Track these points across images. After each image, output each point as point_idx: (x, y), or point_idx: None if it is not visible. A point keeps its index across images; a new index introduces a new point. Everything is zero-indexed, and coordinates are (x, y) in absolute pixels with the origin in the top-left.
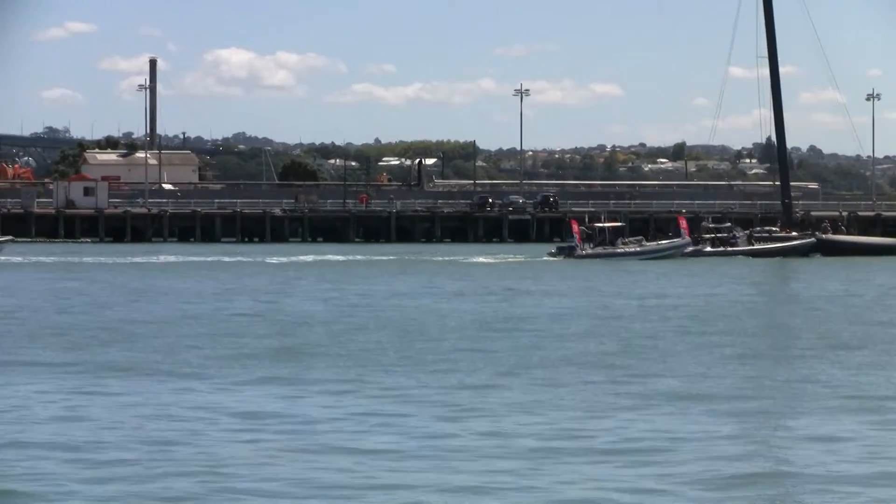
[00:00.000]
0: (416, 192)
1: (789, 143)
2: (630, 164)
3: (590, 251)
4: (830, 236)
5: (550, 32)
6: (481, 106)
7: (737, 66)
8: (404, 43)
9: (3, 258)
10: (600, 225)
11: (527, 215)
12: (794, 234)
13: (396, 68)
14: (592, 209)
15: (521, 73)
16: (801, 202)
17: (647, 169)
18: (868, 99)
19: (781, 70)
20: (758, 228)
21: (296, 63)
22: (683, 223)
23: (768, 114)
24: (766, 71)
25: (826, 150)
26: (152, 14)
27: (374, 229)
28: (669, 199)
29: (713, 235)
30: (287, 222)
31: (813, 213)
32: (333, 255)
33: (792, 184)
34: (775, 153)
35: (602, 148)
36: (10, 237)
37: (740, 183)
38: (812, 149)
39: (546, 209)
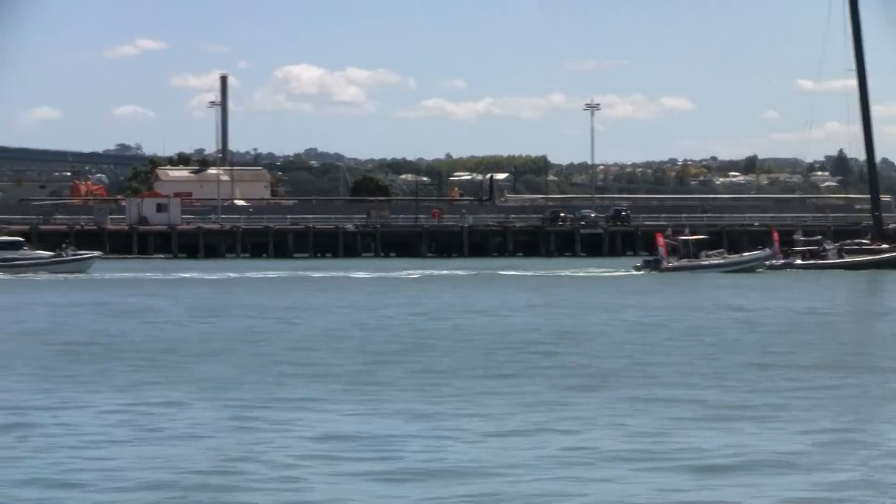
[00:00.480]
0: (487, 207)
1: (860, 156)
2: (701, 178)
3: (675, 264)
4: None
5: (620, 47)
6: (552, 120)
7: (805, 79)
8: (474, 58)
9: (95, 275)
10: (684, 238)
11: (599, 229)
12: (884, 246)
13: (466, 84)
14: (665, 223)
15: (591, 88)
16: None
17: (718, 182)
18: None
19: (851, 83)
20: (848, 241)
21: (366, 79)
22: (776, 236)
23: (841, 127)
24: (840, 83)
25: None
26: (222, 31)
27: (446, 244)
28: (741, 212)
29: (804, 248)
30: (359, 237)
31: None
32: (417, 269)
33: (865, 196)
34: (848, 166)
35: (673, 162)
36: (98, 253)
37: (813, 196)
38: (884, 161)
39: (618, 223)
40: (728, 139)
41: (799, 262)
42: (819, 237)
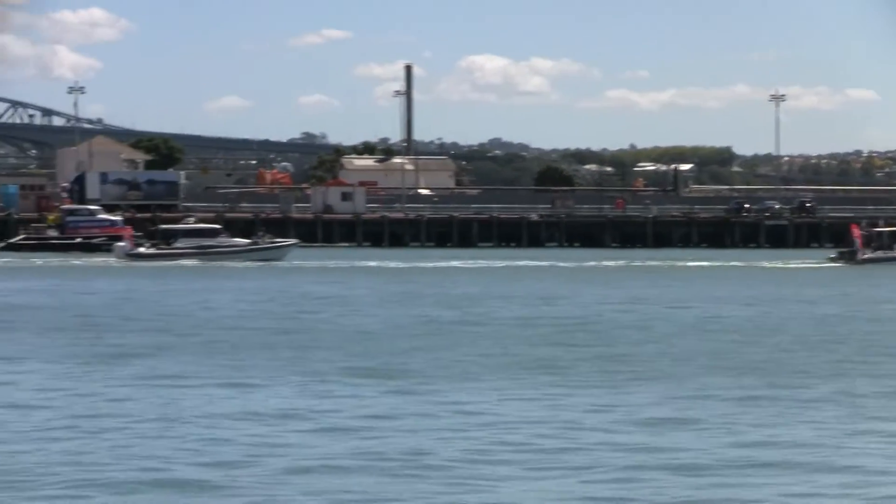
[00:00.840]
0: (671, 198)
1: None
2: (887, 170)
3: (871, 255)
4: None
5: (804, 38)
6: (736, 111)
7: None
8: (658, 49)
9: (294, 262)
10: (879, 229)
11: (784, 221)
12: None
13: (650, 74)
14: (851, 215)
15: (775, 79)
16: None
17: None
18: None
19: None
20: None
21: (550, 69)
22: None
23: None
24: None
25: None
26: (408, 21)
27: (630, 234)
28: None
29: None
30: (543, 227)
31: None
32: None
33: None
34: None
35: (858, 153)
36: (296, 241)
37: None
38: None
39: (803, 215)
40: None
41: None
42: None
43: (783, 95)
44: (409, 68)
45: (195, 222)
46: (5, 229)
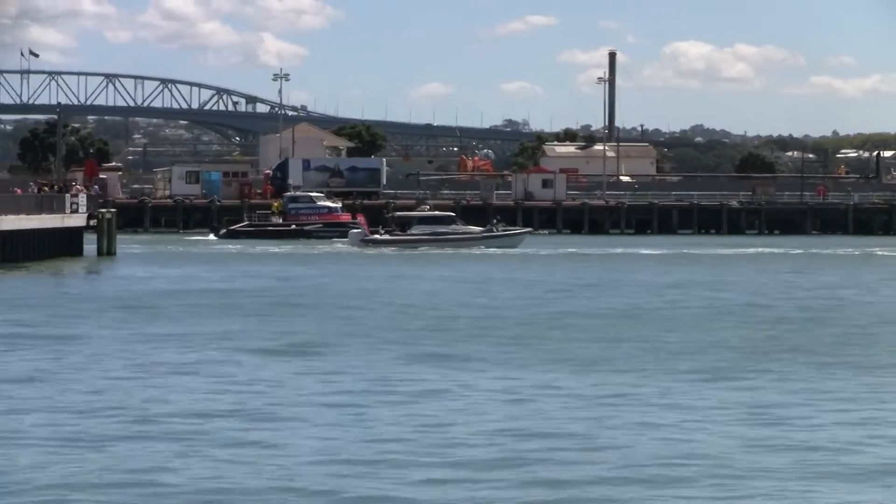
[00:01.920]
0: (874, 185)
1: None
2: None
3: None
4: None
5: None
6: None
7: None
8: (863, 35)
9: (527, 250)
10: None
11: None
12: None
13: (855, 60)
14: None
15: None
16: None
17: None
18: None
19: None
20: None
21: (754, 55)
22: None
23: None
24: None
25: None
26: (612, 7)
27: (831, 221)
28: None
29: None
30: (744, 214)
31: None
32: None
33: None
34: None
35: None
36: (529, 229)
37: None
38: None
39: None
40: None
41: None
42: None
43: None
44: (612, 55)
45: (430, 209)
46: (208, 215)
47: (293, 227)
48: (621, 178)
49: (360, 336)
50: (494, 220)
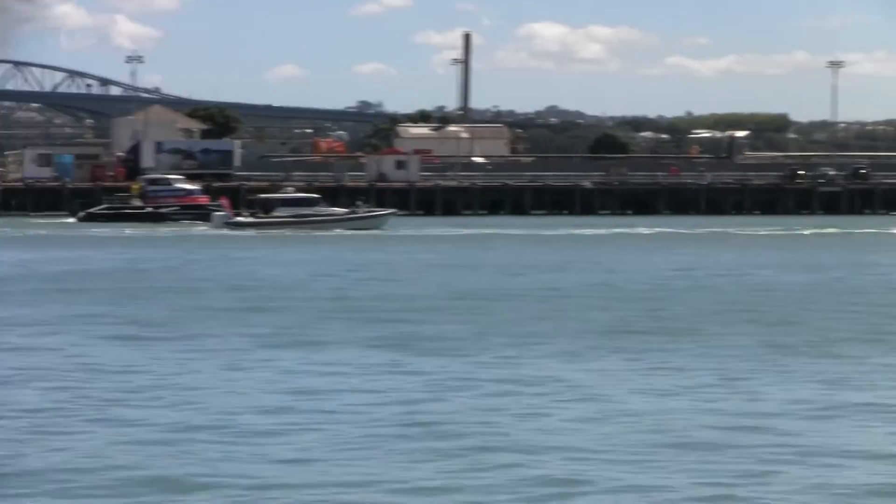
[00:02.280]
0: (726, 165)
1: None
2: None
3: None
4: None
5: (867, 3)
6: (794, 78)
7: None
8: (717, 16)
9: (389, 231)
10: None
11: (837, 187)
12: None
13: (709, 41)
14: None
15: (835, 45)
16: None
17: None
18: None
19: None
20: None
21: (608, 36)
22: None
23: None
24: None
25: None
26: None
27: (683, 201)
28: None
29: None
30: (596, 195)
31: None
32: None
33: None
34: None
35: None
36: (393, 210)
37: None
38: None
39: (857, 181)
40: None
41: None
42: None
43: (841, 62)
44: (467, 36)
45: (295, 191)
46: (59, 198)
47: (152, 209)
48: (475, 159)
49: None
50: (359, 202)
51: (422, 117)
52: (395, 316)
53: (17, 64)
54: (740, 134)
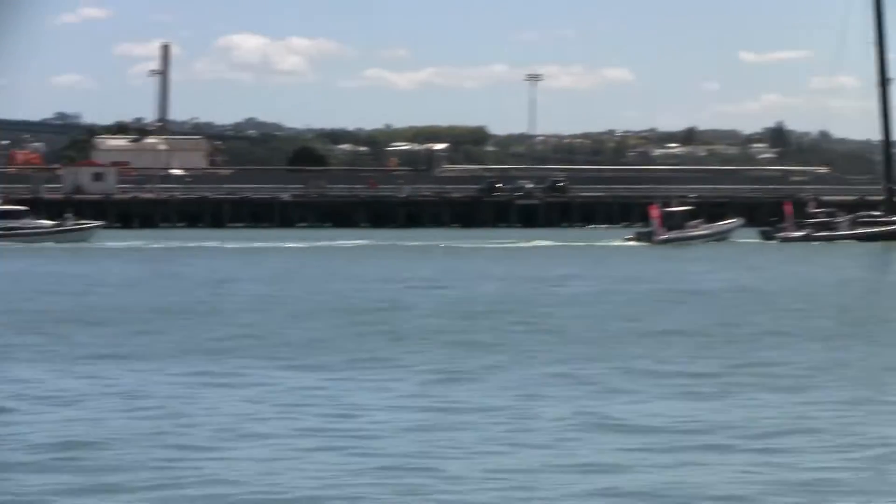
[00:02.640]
0: (425, 177)
1: (799, 127)
2: (640, 149)
3: (667, 235)
4: None
5: (563, 17)
6: (493, 91)
7: (747, 51)
8: (417, 28)
9: (95, 244)
10: (671, 209)
11: (535, 200)
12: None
13: (409, 53)
14: (602, 194)
15: (533, 58)
16: (809, 186)
17: (656, 154)
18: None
19: (789, 54)
20: (861, 213)
21: (307, 48)
22: (788, 208)
23: (779, 99)
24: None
25: (836, 135)
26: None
27: (382, 214)
28: (678, 184)
29: (816, 220)
30: (295, 207)
31: None
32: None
33: (801, 168)
34: (785, 138)
35: (612, 133)
36: (100, 222)
37: (750, 167)
38: (822, 134)
39: (554, 194)
40: (668, 110)
41: (801, 234)
42: (833, 209)
43: (539, 75)
44: (165, 47)
45: (2, 203)
46: None
47: None
48: (173, 171)
49: None
50: (67, 215)
51: (119, 129)
52: None
53: None
54: (439, 147)
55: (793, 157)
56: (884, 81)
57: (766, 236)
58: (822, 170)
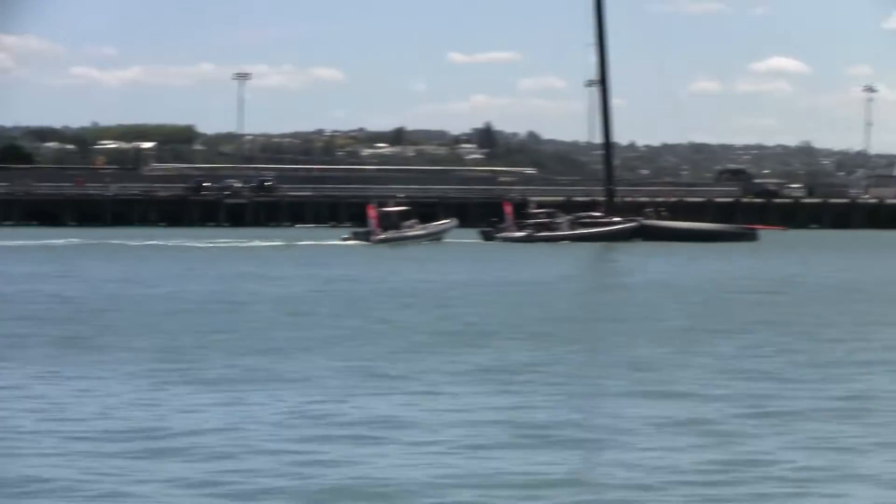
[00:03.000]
0: (133, 176)
1: (508, 128)
2: (349, 149)
3: (385, 235)
4: (653, 222)
5: (273, 16)
6: (201, 90)
7: (457, 52)
8: (126, 26)
9: None
10: (388, 209)
11: (243, 199)
12: (616, 219)
13: (116, 51)
14: (311, 193)
15: (242, 57)
16: (517, 187)
17: (365, 153)
18: (588, 85)
19: (498, 55)
20: (581, 214)
21: (15, 45)
22: (508, 208)
23: (488, 100)
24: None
25: (545, 136)
26: None
27: (89, 213)
28: (387, 183)
29: (537, 220)
30: (1, 206)
31: (639, 200)
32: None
33: (509, 169)
34: (494, 138)
35: (321, 133)
36: None
37: (459, 168)
38: (531, 134)
39: (262, 193)
40: (377, 110)
41: (522, 234)
42: (551, 209)
43: (248, 74)
44: None
45: None
46: None
47: None
48: None
49: None
50: None
51: None
52: None
53: None
54: (147, 145)
55: (501, 158)
56: (604, 82)
57: (487, 237)
58: (530, 171)
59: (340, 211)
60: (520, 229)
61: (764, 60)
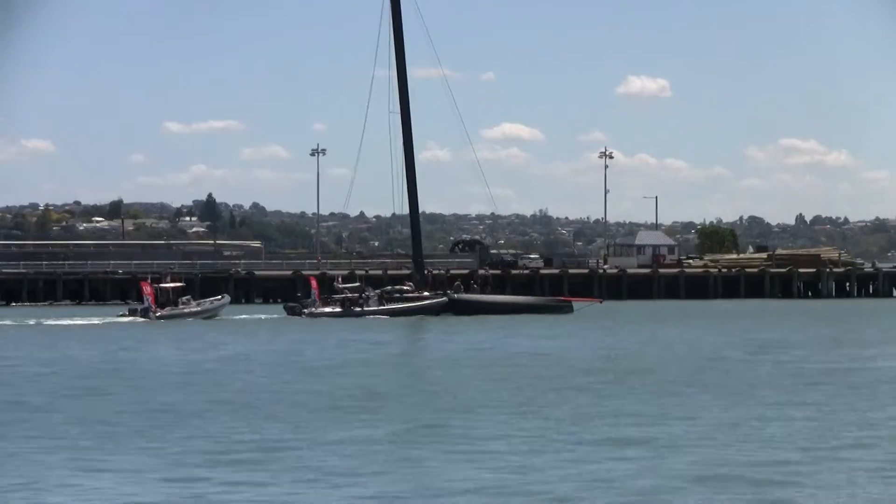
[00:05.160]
0: None
1: (231, 201)
2: (64, 223)
3: (163, 312)
4: (462, 295)
5: None
6: None
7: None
8: None
9: None
10: (165, 285)
11: None
12: (426, 293)
13: None
14: (25, 270)
15: None
16: (242, 261)
17: (82, 228)
18: (312, 154)
19: (221, 124)
20: (388, 288)
21: None
22: (314, 283)
23: (209, 170)
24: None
25: (270, 208)
26: None
27: None
28: (106, 258)
29: (344, 295)
30: None
31: (450, 272)
32: None
33: (234, 242)
34: (217, 210)
35: (35, 206)
36: None
37: (181, 242)
38: (255, 206)
39: None
40: (93, 183)
41: (329, 309)
42: (358, 283)
43: None
44: None
45: None
46: None
47: None
48: None
49: None
50: None
51: None
52: None
53: None
54: None
55: (225, 231)
56: (409, 151)
57: (293, 311)
58: (256, 244)
59: (58, 288)
60: (326, 304)
61: (495, 127)
